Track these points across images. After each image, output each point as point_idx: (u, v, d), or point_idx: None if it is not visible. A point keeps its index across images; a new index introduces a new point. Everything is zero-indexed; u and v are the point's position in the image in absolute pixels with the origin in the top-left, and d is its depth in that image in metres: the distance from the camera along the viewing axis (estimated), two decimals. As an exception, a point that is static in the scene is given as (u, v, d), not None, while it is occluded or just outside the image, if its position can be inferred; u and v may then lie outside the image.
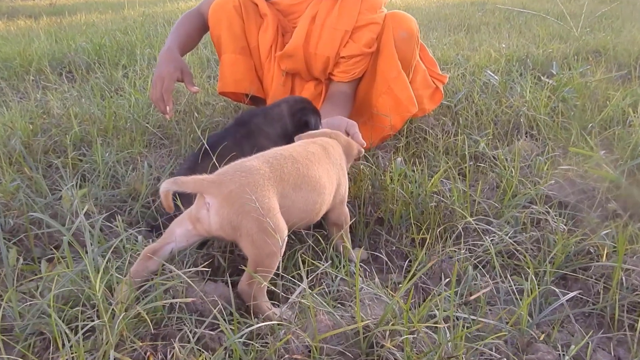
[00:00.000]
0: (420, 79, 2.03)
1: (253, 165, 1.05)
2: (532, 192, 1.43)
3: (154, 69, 1.81)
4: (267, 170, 1.05)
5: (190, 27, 2.01)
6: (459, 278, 1.18)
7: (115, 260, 1.09)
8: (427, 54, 2.12)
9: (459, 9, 7.35)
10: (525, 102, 2.25)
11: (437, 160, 1.74)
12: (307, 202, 1.12)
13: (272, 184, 1.04)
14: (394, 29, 1.87)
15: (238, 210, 0.98)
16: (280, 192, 1.06)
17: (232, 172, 1.03)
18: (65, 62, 3.45)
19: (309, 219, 1.16)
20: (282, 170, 1.08)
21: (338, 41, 1.86)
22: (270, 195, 1.02)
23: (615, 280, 1.06)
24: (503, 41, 4.00)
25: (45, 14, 7.80)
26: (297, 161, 1.13)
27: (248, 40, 1.99)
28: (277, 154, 1.12)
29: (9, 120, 1.98)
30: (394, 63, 1.88)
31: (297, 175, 1.10)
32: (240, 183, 0.99)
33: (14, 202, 1.36)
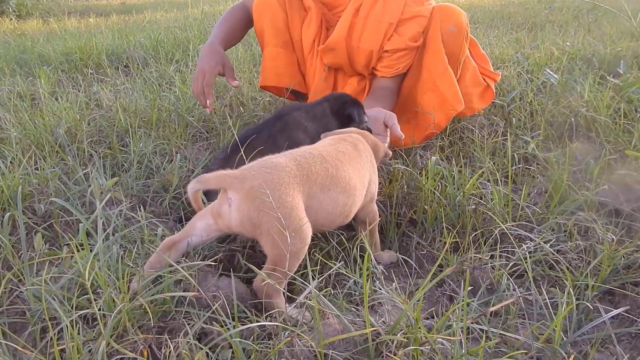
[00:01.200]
0: (469, 75, 1.92)
1: (279, 162, 1.01)
2: (581, 198, 1.31)
3: (197, 63, 1.82)
4: (294, 168, 1.01)
5: (234, 21, 2.00)
6: (492, 287, 1.09)
7: (136, 249, 1.08)
8: (479, 49, 2.02)
9: (524, 7, 7.06)
10: (585, 103, 2.10)
11: (481, 161, 1.64)
12: (336, 204, 1.06)
13: (298, 182, 1.00)
14: (442, 22, 1.78)
15: (259, 207, 0.93)
16: (307, 191, 1.01)
17: (257, 168, 0.99)
18: (123, 57, 3.55)
19: (338, 221, 1.11)
20: (310, 169, 1.03)
21: (382, 34, 1.79)
22: (294, 194, 0.97)
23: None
24: (568, 39, 3.79)
25: (115, 13, 8.13)
26: (327, 161, 1.07)
27: (291, 34, 1.96)
28: (306, 153, 1.08)
29: (58, 110, 2.03)
30: (440, 58, 1.79)
31: (325, 176, 1.05)
32: (263, 179, 0.95)
33: (48, 189, 1.38)
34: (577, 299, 1.01)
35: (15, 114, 2.02)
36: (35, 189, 1.38)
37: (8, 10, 7.95)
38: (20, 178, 1.36)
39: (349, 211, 1.11)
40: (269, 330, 0.90)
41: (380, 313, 0.97)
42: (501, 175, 1.53)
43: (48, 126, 1.86)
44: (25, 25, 6.49)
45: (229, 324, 0.87)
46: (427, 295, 1.10)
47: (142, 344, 0.82)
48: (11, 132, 1.76)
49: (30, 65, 3.29)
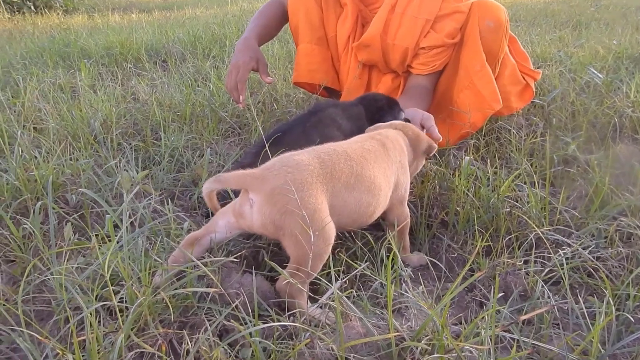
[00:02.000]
0: (508, 73, 1.86)
1: (301, 160, 0.98)
2: (624, 202, 1.25)
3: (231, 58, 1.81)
4: (317, 166, 0.98)
5: (269, 17, 1.99)
6: (525, 294, 1.04)
7: (161, 243, 1.08)
8: (519, 47, 1.95)
9: (569, 4, 6.85)
10: (632, 103, 2.01)
11: (518, 162, 1.58)
12: (360, 203, 1.03)
13: (322, 181, 0.97)
14: (480, 18, 1.72)
15: (281, 209, 0.91)
16: (330, 190, 0.98)
17: (278, 167, 0.96)
18: (162, 52, 3.60)
19: (362, 221, 1.08)
20: (334, 167, 1.00)
21: (418, 31, 1.74)
22: (317, 194, 0.95)
23: None
24: (615, 38, 3.64)
25: (157, 9, 8.27)
26: (352, 159, 1.04)
27: (326, 30, 1.94)
28: (330, 150, 1.05)
29: (95, 103, 2.07)
30: (478, 55, 1.73)
31: (350, 174, 1.02)
32: (285, 180, 0.92)
33: (80, 180, 1.40)
34: (617, 310, 0.96)
35: (54, 106, 2.06)
36: (68, 179, 1.40)
37: (56, 6, 8.17)
38: (54, 168, 1.38)
39: (372, 211, 1.08)
40: (290, 331, 0.88)
41: (407, 317, 0.94)
42: (539, 177, 1.47)
43: (85, 118, 1.89)
44: (71, 20, 6.66)
45: (250, 321, 0.85)
46: (457, 300, 1.06)
47: (162, 339, 0.81)
48: (49, 122, 1.80)
49: (73, 58, 3.37)
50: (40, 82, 2.58)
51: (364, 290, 0.98)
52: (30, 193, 1.31)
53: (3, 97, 2.17)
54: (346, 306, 0.84)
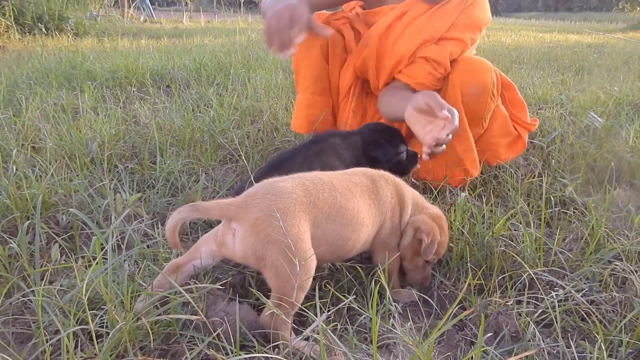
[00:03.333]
0: (497, 126, 1.80)
1: (285, 188, 0.96)
2: (619, 247, 1.23)
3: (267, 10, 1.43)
4: (301, 194, 0.96)
5: None
6: (517, 335, 1.02)
7: (147, 267, 1.06)
8: (516, 94, 1.88)
9: (573, 49, 6.95)
10: (630, 148, 2.01)
11: (515, 201, 1.57)
12: (339, 236, 1.01)
13: (304, 210, 0.95)
14: (463, 83, 1.66)
15: (263, 240, 0.89)
16: (312, 219, 0.96)
17: (261, 196, 0.94)
18: (166, 78, 3.63)
19: (339, 254, 1.05)
20: (318, 196, 0.98)
21: (418, 43, 1.69)
22: (300, 223, 0.93)
23: None
24: (616, 84, 3.68)
25: (166, 36, 8.40)
26: (336, 189, 1.03)
27: (330, 79, 1.92)
28: (316, 178, 1.03)
29: (95, 124, 2.07)
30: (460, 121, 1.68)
31: (332, 205, 1.00)
32: (267, 209, 0.91)
33: (72, 200, 1.39)
34: (610, 356, 0.94)
35: (54, 126, 2.07)
36: (60, 200, 1.39)
37: (67, 29, 8.30)
38: (46, 188, 1.37)
39: (352, 246, 1.05)
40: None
41: (394, 354, 0.91)
42: (535, 217, 1.46)
43: (83, 139, 1.89)
44: (80, 43, 6.76)
45: (232, 352, 0.83)
46: (446, 338, 1.03)
47: (140, 366, 0.79)
48: (47, 142, 1.80)
49: (78, 80, 3.40)
50: (43, 102, 2.59)
51: (351, 325, 0.95)
52: (20, 212, 1.30)
53: (4, 115, 2.18)
54: (331, 340, 0.82)
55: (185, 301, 0.92)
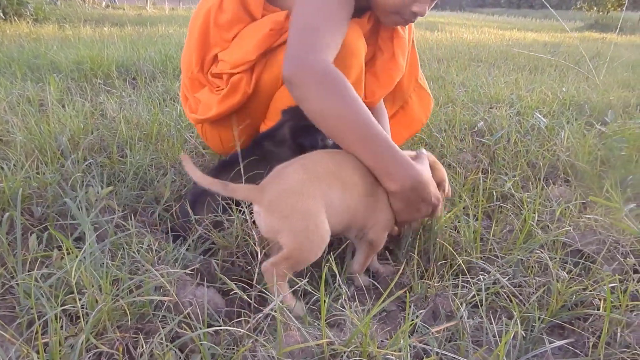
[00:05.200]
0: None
1: (289, 170, 1.12)
2: (543, 238, 1.40)
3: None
4: (302, 172, 1.11)
5: None
6: (451, 314, 1.17)
7: (122, 255, 1.16)
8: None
9: (530, 48, 7.22)
10: (568, 148, 2.20)
11: (460, 196, 1.72)
12: (343, 203, 1.15)
13: (309, 185, 1.09)
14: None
15: (279, 217, 1.05)
16: (319, 192, 1.10)
17: (272, 179, 1.11)
18: (132, 69, 3.67)
19: (348, 223, 1.19)
20: (317, 170, 1.13)
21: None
22: (306, 199, 1.07)
23: (604, 334, 1.02)
24: (565, 85, 3.91)
25: (130, 23, 8.31)
26: (332, 161, 1.18)
27: None
28: (313, 156, 1.19)
29: (63, 118, 2.13)
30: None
31: (332, 175, 1.15)
32: (278, 191, 1.07)
33: (46, 193, 1.47)
34: (526, 330, 1.09)
35: (22, 119, 2.12)
36: (35, 192, 1.46)
37: (26, 14, 8.11)
38: (21, 181, 1.45)
39: (354, 209, 1.18)
40: (236, 337, 0.98)
41: (344, 331, 1.04)
42: (476, 211, 1.61)
43: (52, 133, 1.96)
44: (41, 30, 6.64)
45: (200, 328, 0.94)
46: (390, 318, 1.17)
47: (119, 342, 0.90)
48: (17, 135, 1.86)
49: (42, 70, 3.41)
50: (8, 93, 2.62)
51: (306, 304, 1.08)
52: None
53: (-29, 106, 2.21)
54: (287, 317, 0.94)
55: (157, 285, 1.03)
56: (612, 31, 15.50)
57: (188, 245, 1.24)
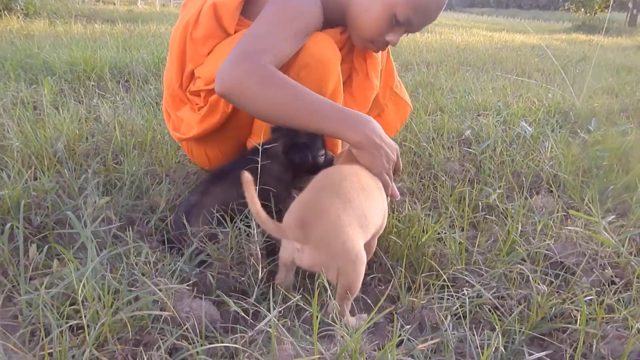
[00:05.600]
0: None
1: (328, 204, 1.12)
2: (523, 250, 1.46)
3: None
4: (338, 202, 1.12)
5: None
6: (437, 326, 1.22)
7: (120, 266, 1.20)
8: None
9: (518, 52, 7.32)
10: (552, 158, 2.26)
11: (446, 207, 1.78)
12: (371, 213, 1.20)
13: (349, 212, 1.12)
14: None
15: (327, 254, 1.08)
16: (353, 215, 1.13)
17: (310, 214, 1.10)
18: (125, 71, 3.69)
19: (372, 232, 1.24)
20: (348, 194, 1.15)
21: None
22: (349, 228, 1.10)
23: (579, 347, 1.09)
24: (551, 91, 3.98)
25: (121, 20, 8.28)
26: (355, 181, 1.21)
27: None
28: (336, 177, 1.22)
29: (59, 123, 2.16)
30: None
31: (359, 191, 1.19)
32: (322, 230, 1.08)
33: (45, 202, 1.50)
34: (507, 342, 1.15)
35: (18, 122, 2.14)
36: (33, 201, 1.50)
37: (16, 8, 8.05)
38: (21, 190, 1.48)
39: (383, 213, 1.26)
40: (232, 351, 1.03)
41: (334, 342, 1.09)
42: (461, 222, 1.67)
43: (48, 138, 1.99)
44: (32, 25, 6.61)
45: (197, 342, 0.99)
46: (378, 330, 1.22)
47: (120, 354, 0.94)
48: (13, 141, 1.88)
49: (35, 71, 3.42)
50: (2, 95, 2.64)
51: (298, 319, 1.13)
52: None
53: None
54: (280, 332, 0.99)
55: (156, 299, 1.08)
56: (599, 32, 15.69)
57: (184, 258, 1.28)
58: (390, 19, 1.51)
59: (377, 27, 1.53)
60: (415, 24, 1.53)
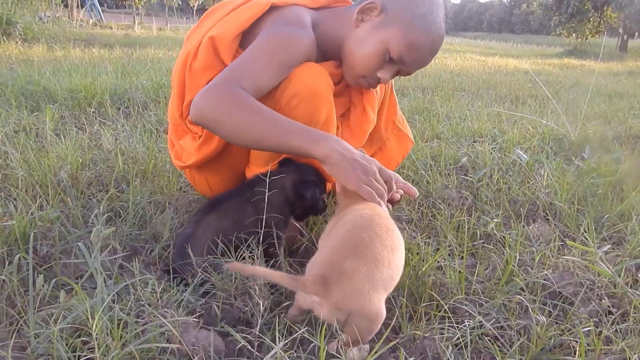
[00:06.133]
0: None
1: (354, 269, 1.08)
2: (521, 280, 1.48)
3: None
4: (363, 268, 1.09)
5: None
6: (438, 357, 1.24)
7: (127, 297, 1.22)
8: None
9: (511, 77, 7.44)
10: (547, 186, 2.30)
11: (445, 235, 1.81)
12: (399, 268, 1.19)
13: (375, 278, 1.09)
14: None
15: (347, 312, 1.07)
16: (381, 281, 1.11)
17: (336, 277, 1.08)
18: (124, 98, 3.73)
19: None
20: (375, 256, 1.11)
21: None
22: (373, 293, 1.08)
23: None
24: (545, 117, 4.05)
25: (118, 45, 8.37)
26: (382, 233, 1.18)
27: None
28: (365, 234, 1.16)
29: (62, 152, 2.19)
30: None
31: (378, 245, 1.15)
32: (344, 293, 1.06)
33: (51, 232, 1.52)
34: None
35: (21, 151, 2.17)
36: (39, 231, 1.52)
37: (15, 34, 8.13)
38: (28, 220, 1.51)
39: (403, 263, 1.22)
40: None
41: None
42: (460, 251, 1.70)
43: (52, 167, 2.01)
44: (30, 51, 6.68)
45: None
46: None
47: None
48: (18, 170, 1.91)
49: (36, 97, 3.45)
50: (4, 123, 2.67)
51: (303, 351, 1.15)
52: (6, 244, 1.43)
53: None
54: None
55: (162, 331, 1.09)
56: (591, 57, 15.94)
57: (189, 289, 1.30)
58: (383, 55, 1.56)
59: (370, 63, 1.58)
60: (408, 63, 1.57)
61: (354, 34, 1.59)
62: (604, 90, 6.55)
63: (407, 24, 1.51)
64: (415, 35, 1.51)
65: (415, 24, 1.51)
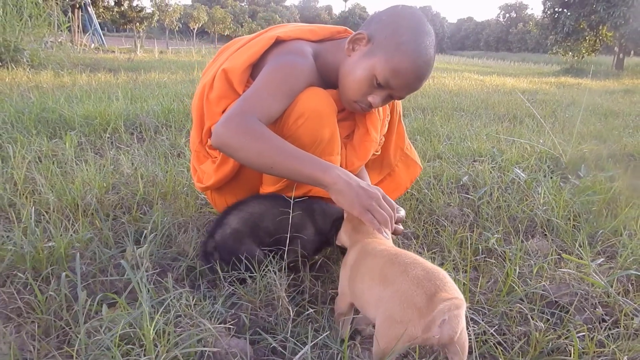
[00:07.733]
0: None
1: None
2: (521, 290, 1.61)
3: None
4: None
5: None
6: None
7: (164, 310, 1.34)
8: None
9: (509, 97, 7.61)
10: (544, 204, 2.44)
11: (449, 250, 1.94)
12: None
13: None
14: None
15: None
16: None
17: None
18: (137, 123, 3.88)
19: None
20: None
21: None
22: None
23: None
24: (542, 136, 4.20)
25: (123, 69, 8.56)
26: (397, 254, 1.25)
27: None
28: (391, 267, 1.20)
29: (87, 177, 2.33)
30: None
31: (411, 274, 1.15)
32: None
33: (86, 252, 1.66)
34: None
35: (48, 178, 2.31)
36: (77, 251, 1.65)
37: (22, 60, 8.33)
38: (69, 243, 1.64)
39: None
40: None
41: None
42: (464, 265, 1.82)
43: (78, 192, 2.15)
44: (38, 77, 6.85)
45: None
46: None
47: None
48: (49, 195, 2.05)
49: (53, 124, 3.60)
50: (28, 150, 2.81)
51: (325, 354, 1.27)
52: (49, 263, 1.56)
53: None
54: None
55: (199, 338, 1.22)
56: (587, 75, 16.18)
57: (220, 301, 1.42)
58: (371, 81, 1.69)
59: (360, 88, 1.72)
60: (395, 87, 1.69)
61: (347, 62, 1.74)
62: (599, 110, 6.72)
63: (391, 51, 1.63)
64: (397, 61, 1.62)
65: (398, 51, 1.62)
